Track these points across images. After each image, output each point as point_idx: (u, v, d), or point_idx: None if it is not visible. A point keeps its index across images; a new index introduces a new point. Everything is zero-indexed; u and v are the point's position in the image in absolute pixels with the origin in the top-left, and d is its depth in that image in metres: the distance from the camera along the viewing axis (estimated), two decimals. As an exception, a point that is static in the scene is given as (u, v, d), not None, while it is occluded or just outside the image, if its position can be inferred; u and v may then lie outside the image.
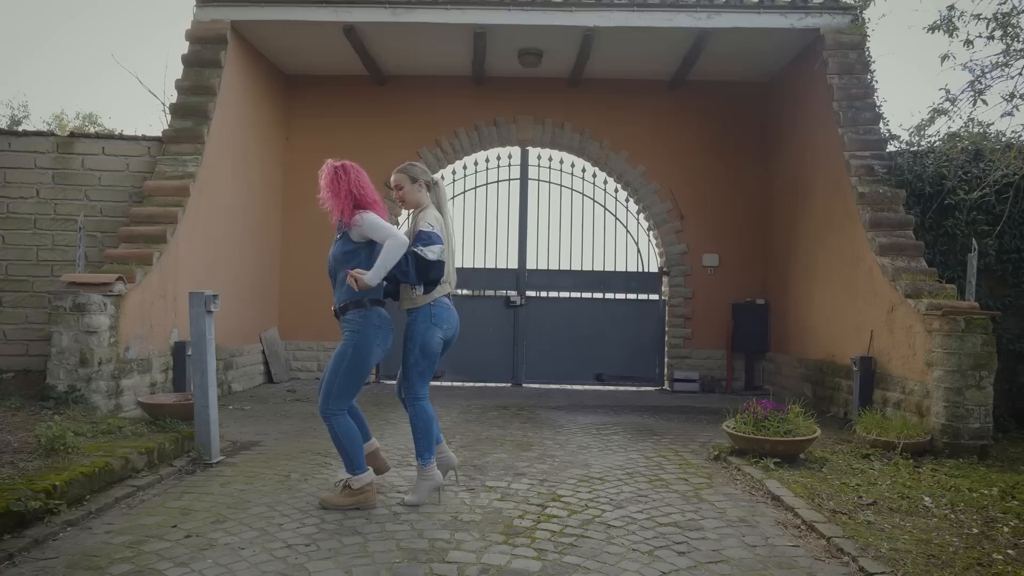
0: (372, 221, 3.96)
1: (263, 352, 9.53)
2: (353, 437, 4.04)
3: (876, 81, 8.04)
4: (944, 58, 5.03)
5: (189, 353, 6.90)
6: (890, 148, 7.72)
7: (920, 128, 6.21)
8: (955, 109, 5.40)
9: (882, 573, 3.20)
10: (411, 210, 4.35)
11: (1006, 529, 3.96)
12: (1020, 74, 4.62)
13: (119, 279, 6.21)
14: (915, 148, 7.54)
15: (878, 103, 7.89)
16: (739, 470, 5.10)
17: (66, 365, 5.86)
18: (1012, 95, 4.96)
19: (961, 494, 4.61)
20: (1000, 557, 3.51)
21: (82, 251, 6.66)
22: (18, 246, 7.61)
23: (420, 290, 4.09)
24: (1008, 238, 7.24)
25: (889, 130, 7.76)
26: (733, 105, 10.17)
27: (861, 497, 4.49)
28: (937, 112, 5.60)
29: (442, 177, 4.41)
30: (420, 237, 4.02)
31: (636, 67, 9.70)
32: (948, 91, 5.27)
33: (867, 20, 7.72)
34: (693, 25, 8.27)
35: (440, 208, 4.30)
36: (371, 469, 4.15)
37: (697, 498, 4.43)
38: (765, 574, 3.25)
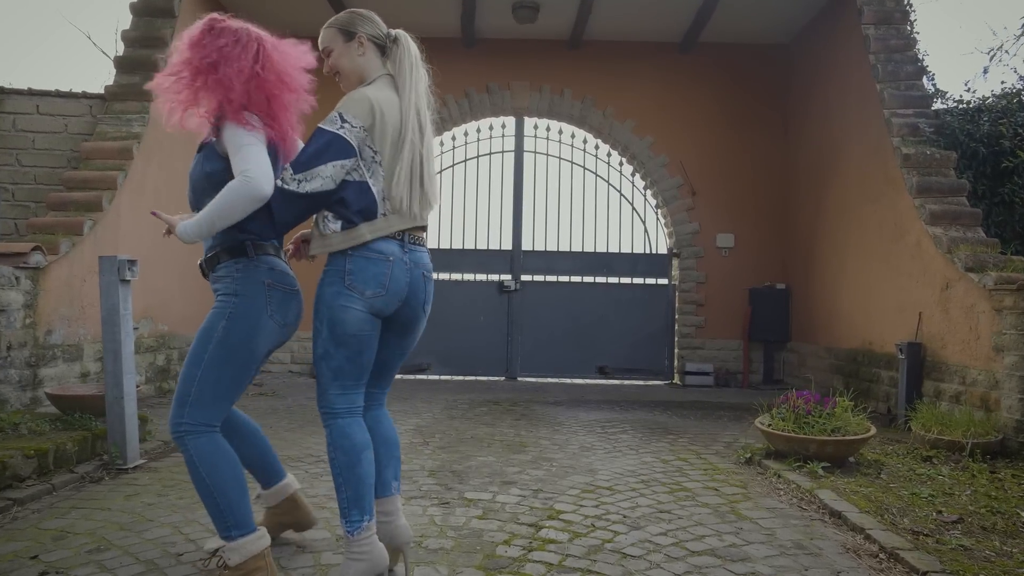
0: (240, 138, 2.33)
1: (228, 341, 8.54)
2: (226, 473, 2.36)
3: (917, 32, 7.09)
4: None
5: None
6: (937, 106, 6.77)
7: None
8: None
9: (1019, 630, 2.25)
10: (353, 88, 2.55)
11: None
12: None
13: (36, 248, 5.23)
14: (966, 104, 6.59)
15: (920, 56, 6.93)
16: (780, 477, 4.13)
17: (-33, 350, 4.89)
18: None
19: (1063, 508, 3.66)
20: None
21: (-3, 218, 5.69)
22: (-62, 217, 6.65)
23: (335, 225, 2.39)
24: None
25: (935, 85, 6.81)
26: (750, 69, 9.20)
27: (941, 512, 3.53)
28: None
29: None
30: (301, 153, 2.34)
31: (643, 26, 8.73)
32: None
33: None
34: (709, -30, 7.31)
35: (399, 82, 2.53)
36: (262, 529, 2.42)
37: (734, 514, 3.46)
38: (850, 631, 2.29)
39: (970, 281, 5.37)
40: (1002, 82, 6.17)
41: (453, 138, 9.40)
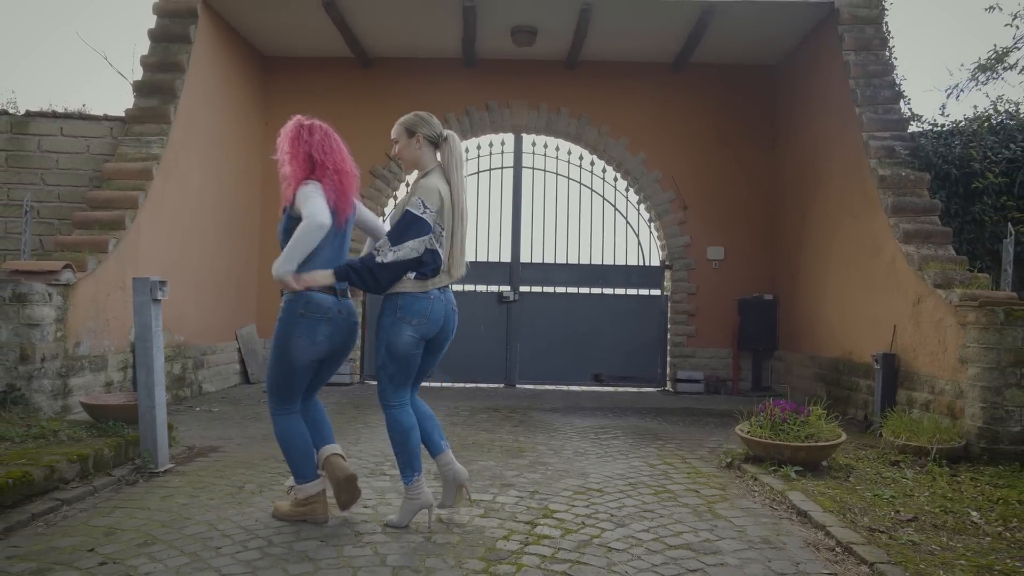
0: (304, 192, 3.29)
1: (239, 350, 8.93)
2: (296, 441, 3.45)
3: (895, 58, 7.49)
4: (991, 8, 4.46)
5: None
6: (912, 128, 7.15)
7: (984, 66, 5.56)
8: (1004, 65, 4.83)
9: (945, 611, 2.62)
10: (411, 171, 3.60)
11: (1074, 551, 3.37)
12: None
13: (67, 267, 5.61)
14: (939, 128, 6.97)
15: (898, 81, 7.32)
16: (756, 480, 4.51)
17: (4, 362, 5.26)
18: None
19: (1011, 507, 4.03)
20: (1079, 588, 2.92)
21: (27, 237, 6.08)
22: (-33, 234, 7.02)
23: (411, 275, 3.33)
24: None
25: (911, 109, 7.20)
26: (740, 88, 9.59)
27: (899, 512, 3.90)
28: (982, 68, 5.03)
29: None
30: (394, 230, 3.27)
31: (636, 47, 9.12)
32: (996, 46, 4.70)
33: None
34: (698, -2, 7.70)
35: (448, 174, 3.42)
36: (323, 478, 3.51)
37: (711, 513, 3.84)
38: (801, 612, 2.67)
39: (938, 297, 5.76)
40: (975, 106, 6.54)
41: (454, 154, 9.76)
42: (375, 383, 9.08)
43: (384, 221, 3.95)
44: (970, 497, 4.24)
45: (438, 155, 3.51)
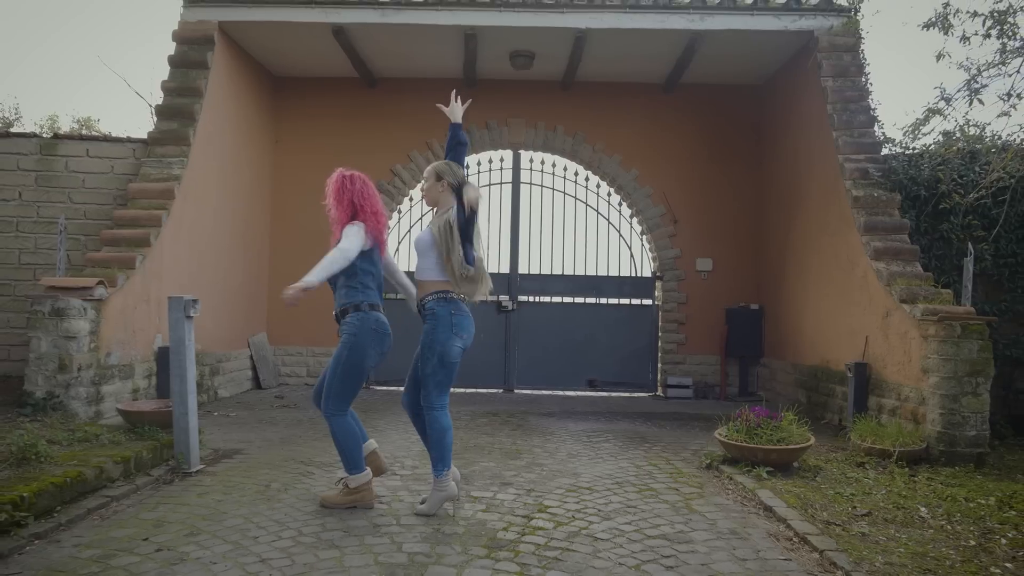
0: (349, 230, 4.09)
1: (251, 357, 9.40)
2: (352, 437, 4.09)
3: (871, 83, 7.96)
4: (940, 56, 4.93)
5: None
6: (885, 151, 7.63)
7: (915, 127, 6.11)
8: (951, 109, 5.32)
9: (877, 589, 3.10)
10: (432, 207, 4.25)
11: (1004, 541, 3.85)
12: (1018, 71, 4.54)
13: (100, 283, 6.08)
14: (910, 151, 7.45)
15: (873, 106, 7.80)
16: (731, 479, 4.99)
17: (44, 371, 5.73)
18: (1009, 94, 4.88)
19: (957, 504, 4.51)
20: (998, 571, 3.40)
21: (63, 254, 6.53)
22: (-1, 249, 7.48)
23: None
24: (1005, 242, 7.15)
25: (884, 133, 7.67)
26: (727, 108, 10.08)
27: (855, 508, 4.38)
28: (932, 112, 5.52)
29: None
30: (467, 256, 3.98)
31: (629, 69, 9.61)
32: (943, 90, 5.18)
33: (861, 17, 7.66)
34: (686, 27, 8.18)
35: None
36: (369, 469, 4.17)
37: (687, 509, 4.32)
38: (756, 590, 3.14)
39: (904, 311, 6.24)
40: (943, 131, 7.02)
41: (456, 170, 10.24)
42: (379, 388, 9.59)
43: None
44: (922, 495, 4.72)
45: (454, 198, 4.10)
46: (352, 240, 4.03)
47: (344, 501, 4.10)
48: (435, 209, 4.22)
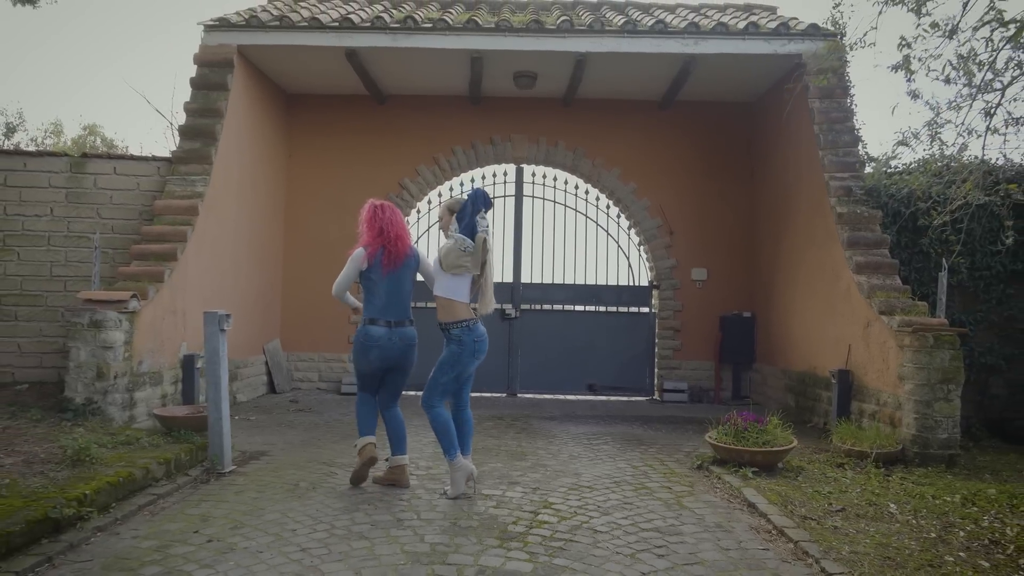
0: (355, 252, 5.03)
1: (266, 363, 9.84)
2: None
3: (855, 104, 8.42)
4: (914, 96, 5.38)
5: (198, 366, 7.25)
6: (868, 169, 8.08)
7: (884, 162, 6.59)
8: (917, 142, 5.78)
9: (841, 574, 3.54)
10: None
11: (962, 534, 4.29)
12: (969, 107, 5.00)
13: (133, 296, 6.52)
14: (890, 170, 7.91)
15: (857, 126, 8.25)
16: (719, 479, 5.44)
17: (84, 379, 6.17)
18: (968, 130, 5.35)
19: (925, 501, 4.95)
20: (951, 559, 3.84)
21: (97, 269, 6.98)
22: (32, 262, 7.91)
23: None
24: (980, 256, 7.61)
25: (867, 152, 8.13)
26: (721, 124, 10.54)
27: (831, 504, 4.82)
28: (900, 144, 5.98)
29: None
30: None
31: (627, 88, 10.06)
32: (903, 133, 5.63)
33: (846, 42, 8.11)
34: (680, 51, 8.64)
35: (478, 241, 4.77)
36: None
37: (679, 505, 4.76)
38: (735, 575, 3.59)
39: (882, 322, 6.69)
40: (924, 150, 7.48)
41: (461, 184, 10.72)
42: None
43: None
44: (894, 493, 5.16)
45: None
46: (345, 270, 4.97)
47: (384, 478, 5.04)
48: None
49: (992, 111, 4.91)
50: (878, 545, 4.00)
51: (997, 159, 7.44)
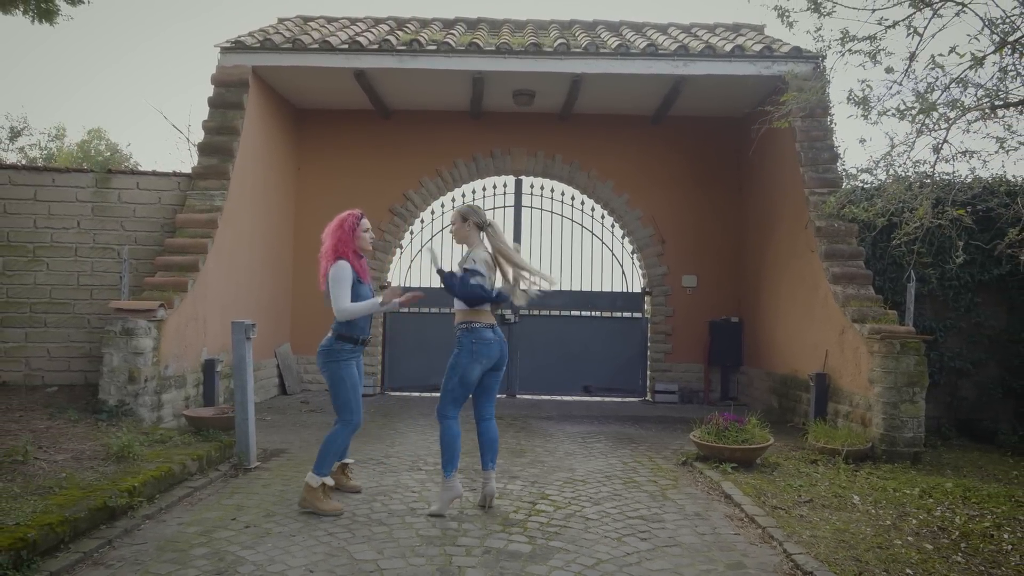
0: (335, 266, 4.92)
1: (278, 366, 10.35)
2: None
3: (835, 123, 8.95)
4: (861, 141, 5.86)
5: (218, 370, 7.76)
6: (845, 186, 8.60)
7: (843, 196, 7.19)
8: (877, 169, 6.31)
9: (800, 554, 4.06)
10: (462, 245, 4.93)
11: (914, 522, 4.81)
12: (910, 147, 5.56)
13: (161, 305, 7.03)
14: (865, 185, 8.44)
15: (836, 143, 8.78)
16: (701, 473, 5.96)
17: (116, 382, 6.68)
18: (916, 162, 5.94)
19: (886, 493, 5.47)
20: (900, 542, 4.37)
21: (126, 280, 7.48)
22: (60, 272, 8.41)
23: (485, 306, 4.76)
24: (949, 267, 8.13)
25: (845, 169, 8.65)
26: (710, 138, 11.07)
27: (800, 496, 5.34)
28: (862, 171, 6.53)
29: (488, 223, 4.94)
30: (460, 280, 4.70)
31: (621, 104, 10.59)
32: (859, 167, 6.13)
33: (826, 64, 8.65)
34: (671, 72, 9.16)
35: (497, 245, 4.78)
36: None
37: (663, 496, 5.29)
38: (708, 555, 4.11)
39: (855, 329, 7.21)
40: (899, 165, 8.00)
41: (463, 195, 11.24)
42: (396, 394, 10.55)
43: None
44: (859, 486, 5.69)
45: (482, 236, 4.84)
46: (341, 288, 4.94)
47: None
48: (463, 247, 4.93)
49: (939, 147, 5.45)
50: (836, 531, 4.52)
51: (966, 177, 7.99)
